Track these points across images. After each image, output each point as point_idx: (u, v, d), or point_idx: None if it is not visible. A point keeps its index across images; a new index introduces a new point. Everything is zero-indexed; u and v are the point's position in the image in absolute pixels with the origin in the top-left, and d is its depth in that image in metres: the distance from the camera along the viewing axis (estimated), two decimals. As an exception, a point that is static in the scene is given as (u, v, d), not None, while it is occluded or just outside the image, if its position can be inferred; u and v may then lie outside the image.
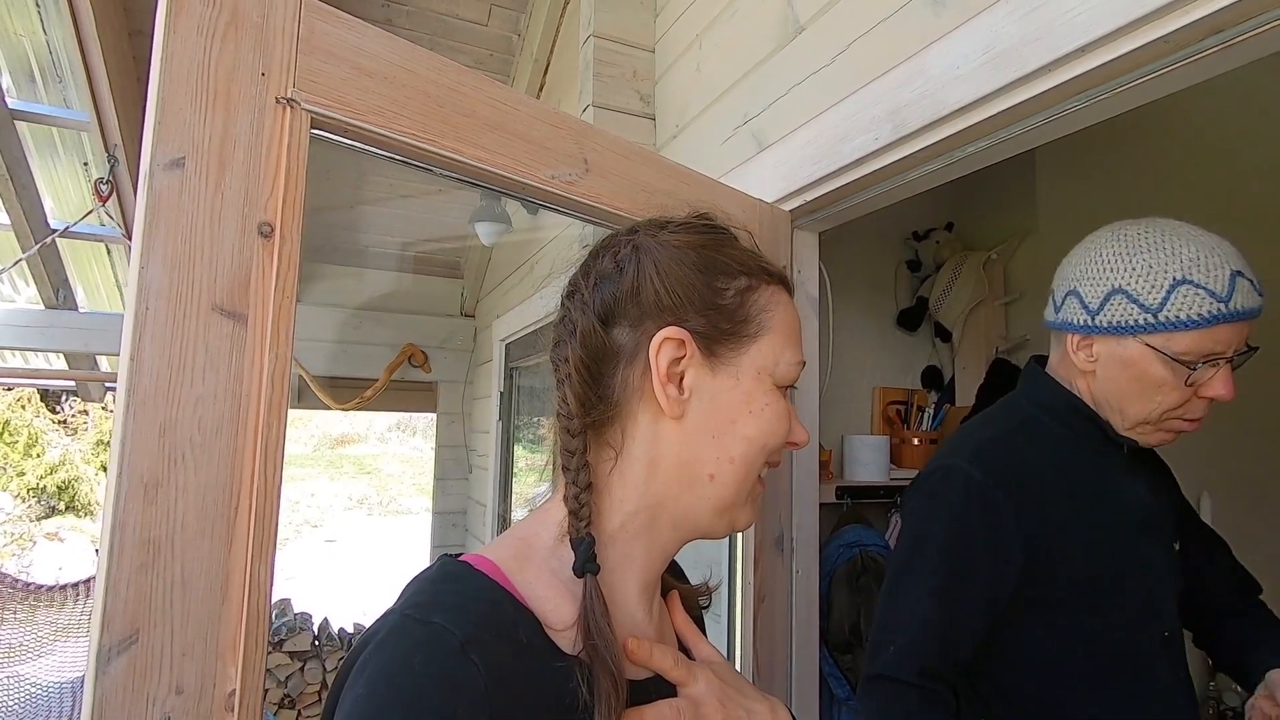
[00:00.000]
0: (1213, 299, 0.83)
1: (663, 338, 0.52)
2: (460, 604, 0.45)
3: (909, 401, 1.89)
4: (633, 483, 0.54)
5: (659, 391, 0.52)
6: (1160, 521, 0.97)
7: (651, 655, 0.51)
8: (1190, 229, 0.89)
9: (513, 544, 0.54)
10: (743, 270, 0.56)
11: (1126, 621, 0.89)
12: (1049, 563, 0.89)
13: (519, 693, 0.43)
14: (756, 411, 0.54)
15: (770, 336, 0.55)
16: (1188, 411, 0.88)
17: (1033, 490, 0.91)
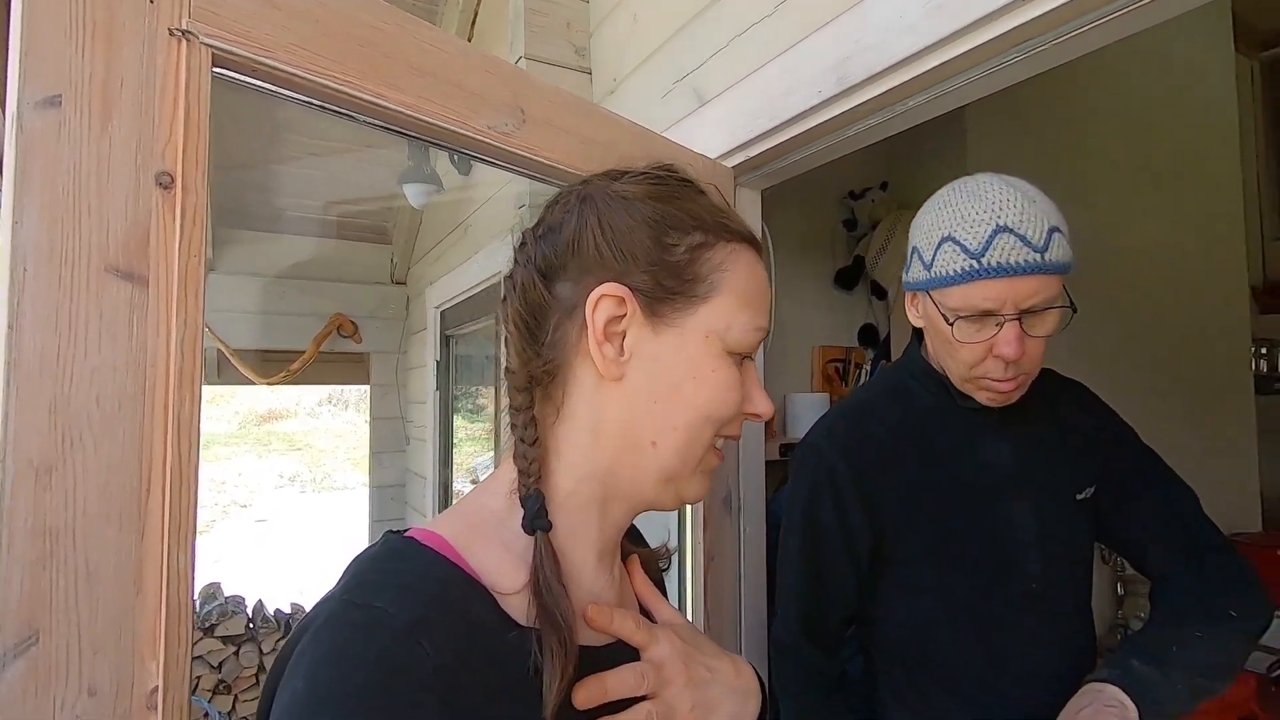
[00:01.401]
0: (966, 255, 0.82)
1: (600, 294, 0.49)
2: (405, 584, 0.43)
3: (847, 359, 1.93)
4: (579, 447, 0.51)
5: (594, 351, 0.49)
6: (1041, 475, 0.96)
7: (612, 620, 0.50)
8: (989, 185, 0.85)
9: (462, 516, 0.51)
10: (697, 226, 0.52)
11: (981, 579, 0.92)
12: (897, 527, 0.93)
13: (472, 672, 0.41)
14: (701, 377, 0.51)
15: (723, 298, 0.51)
16: (987, 370, 0.87)
17: (880, 460, 0.95)
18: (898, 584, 0.97)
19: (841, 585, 0.98)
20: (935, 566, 0.94)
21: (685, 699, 0.50)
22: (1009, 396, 0.90)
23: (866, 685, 1.06)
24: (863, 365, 1.95)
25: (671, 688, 0.50)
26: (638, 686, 0.48)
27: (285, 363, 3.32)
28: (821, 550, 0.97)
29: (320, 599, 0.44)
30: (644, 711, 0.48)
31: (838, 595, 0.99)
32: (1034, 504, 0.95)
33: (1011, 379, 0.87)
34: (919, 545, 0.95)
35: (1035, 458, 0.97)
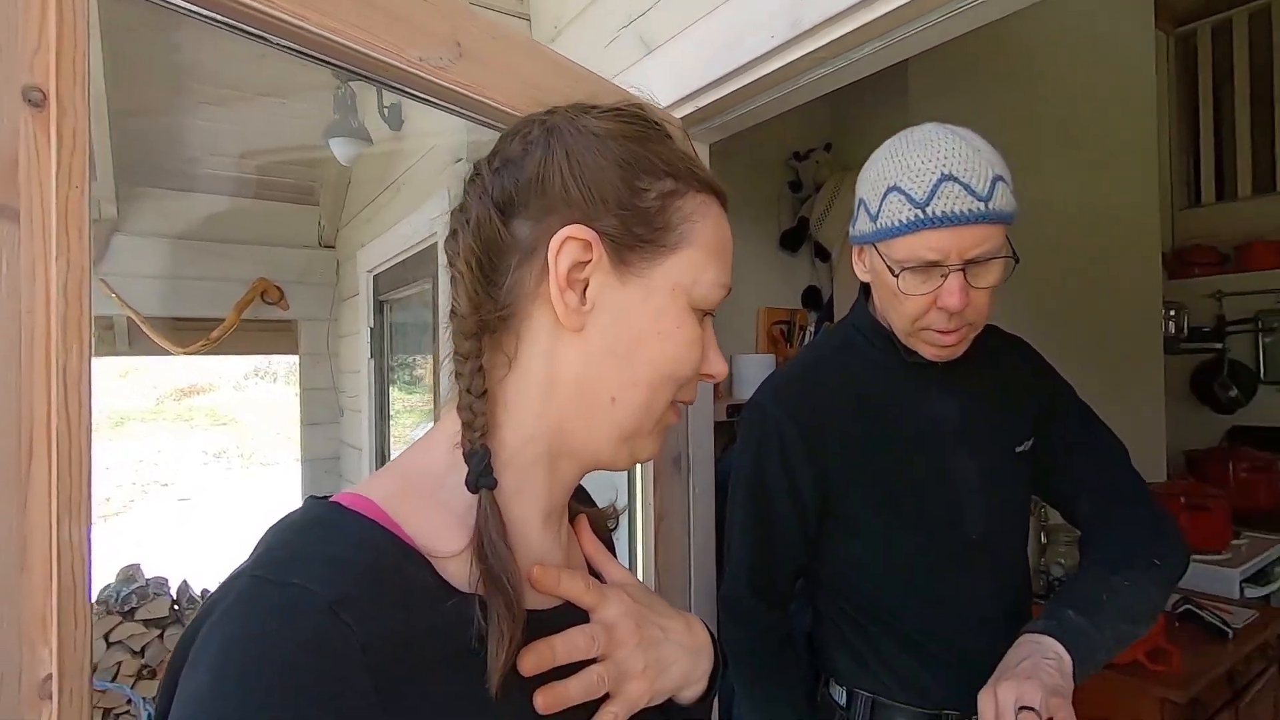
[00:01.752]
0: (911, 205, 0.81)
1: (565, 236, 0.45)
2: (328, 555, 0.38)
3: (792, 321, 1.94)
4: (530, 400, 0.47)
5: (556, 298, 0.45)
6: (983, 428, 0.98)
7: (559, 582, 0.47)
8: (935, 135, 0.84)
9: (395, 477, 0.47)
10: (669, 172, 0.48)
11: (926, 529, 0.94)
12: (845, 482, 0.94)
13: (407, 646, 0.38)
14: (666, 333, 0.48)
15: (692, 250, 0.48)
16: (931, 322, 0.87)
17: (826, 418, 0.95)
18: (845, 537, 0.98)
19: (789, 541, 0.99)
20: (881, 519, 0.96)
21: (638, 659, 0.48)
22: (953, 350, 0.91)
23: (814, 639, 1.08)
24: (807, 327, 1.96)
25: (623, 649, 0.48)
26: (588, 649, 0.46)
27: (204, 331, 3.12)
28: (769, 507, 0.98)
29: (230, 575, 0.39)
30: (595, 675, 0.46)
31: (786, 551, 0.99)
32: (976, 456, 0.97)
33: (955, 330, 0.87)
34: (865, 499, 0.96)
35: (978, 412, 0.98)
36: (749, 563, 1.00)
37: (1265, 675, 1.83)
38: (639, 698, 0.48)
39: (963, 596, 0.96)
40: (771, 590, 1.01)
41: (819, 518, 0.98)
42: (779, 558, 1.00)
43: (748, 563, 1.00)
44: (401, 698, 0.37)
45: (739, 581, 1.01)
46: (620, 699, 0.47)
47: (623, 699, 0.47)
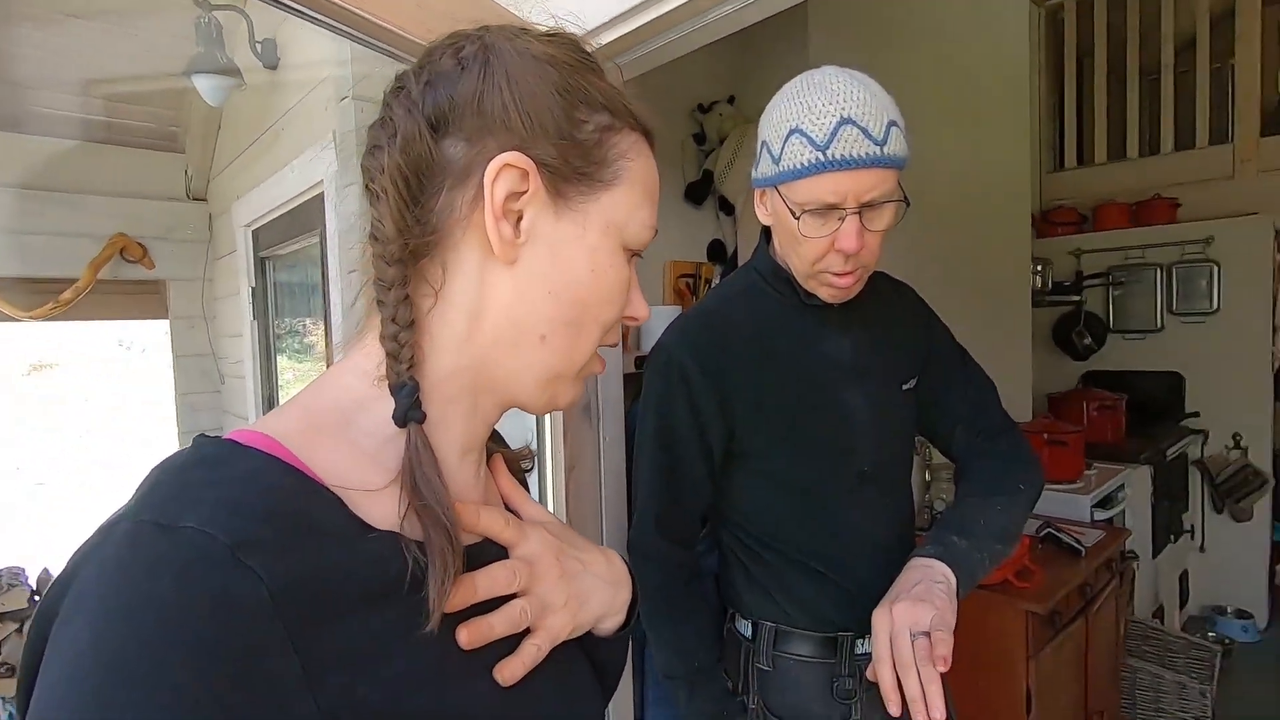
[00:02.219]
0: (813, 147, 0.83)
1: (503, 163, 0.43)
2: (225, 496, 0.34)
3: (697, 274, 1.96)
4: (455, 333, 0.45)
5: (490, 227, 0.43)
6: (873, 366, 1.03)
7: (479, 518, 0.46)
8: (834, 79, 0.86)
9: (298, 412, 0.43)
10: (607, 106, 0.47)
11: (824, 462, 1.00)
12: (747, 420, 0.98)
13: (324, 589, 0.35)
14: (600, 272, 0.47)
15: (627, 189, 0.47)
16: (829, 264, 0.90)
17: (729, 358, 0.98)
18: (749, 474, 1.02)
19: (696, 479, 1.01)
20: (783, 454, 1.00)
21: (559, 593, 0.48)
22: (849, 291, 0.95)
23: (719, 578, 1.12)
24: (711, 280, 1.99)
25: (544, 582, 0.48)
26: (509, 584, 0.45)
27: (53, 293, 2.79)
28: (676, 446, 0.99)
29: (104, 523, 0.35)
30: (517, 608, 0.45)
31: (692, 489, 1.02)
32: (868, 393, 1.02)
33: (851, 272, 0.91)
34: (768, 435, 0.99)
35: (869, 351, 1.03)
36: (657, 502, 1.02)
37: (1109, 585, 2.08)
38: (561, 630, 0.48)
39: (857, 525, 1.02)
40: (679, 529, 1.03)
41: (723, 455, 1.01)
42: (686, 496, 1.02)
43: (656, 502, 1.02)
44: (318, 642, 0.34)
45: (647, 522, 1.03)
46: (543, 631, 0.47)
47: (545, 631, 0.47)
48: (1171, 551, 3.00)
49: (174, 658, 0.30)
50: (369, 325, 0.47)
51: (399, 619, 0.38)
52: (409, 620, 0.38)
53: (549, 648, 0.46)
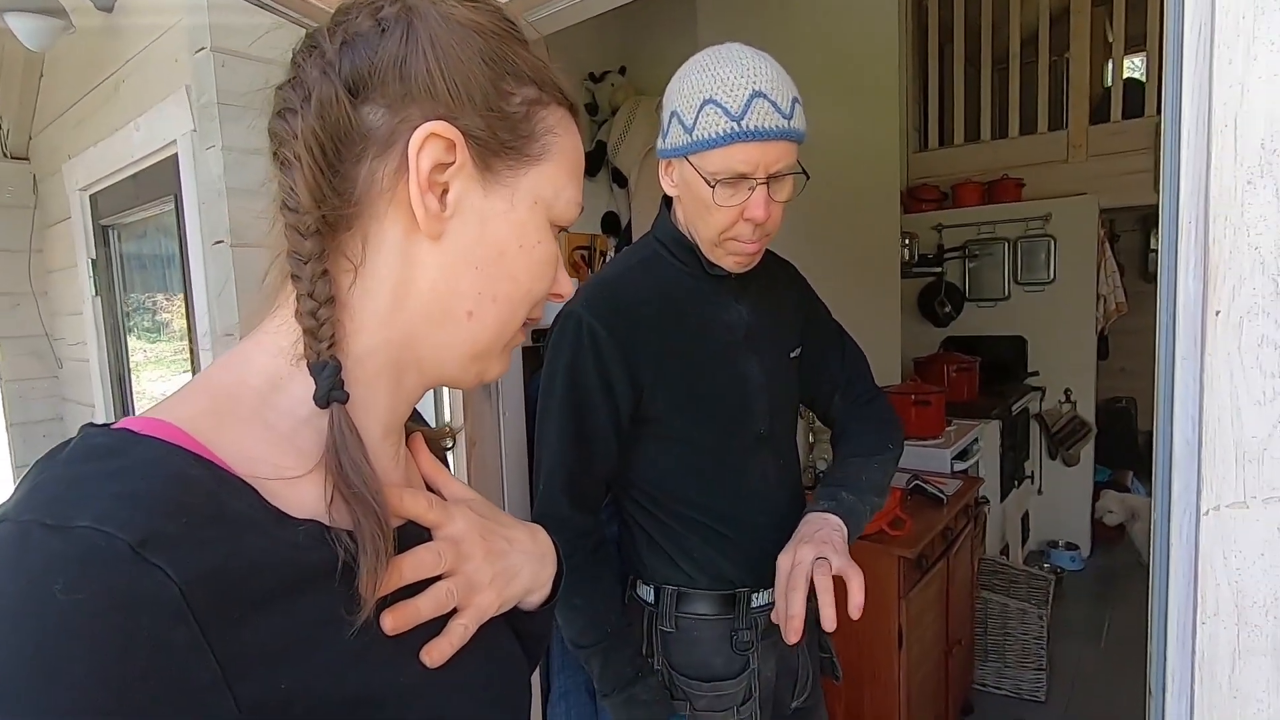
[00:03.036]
0: (727, 117, 0.86)
1: (428, 133, 0.41)
2: (122, 490, 0.32)
3: (592, 246, 1.95)
4: (377, 309, 0.43)
5: (415, 200, 0.41)
6: (765, 335, 1.08)
7: (402, 501, 0.44)
8: (742, 54, 0.89)
9: (203, 396, 0.40)
10: (533, 78, 0.46)
11: (721, 427, 1.05)
12: (654, 384, 1.01)
13: (240, 582, 0.33)
14: (528, 248, 0.46)
15: (554, 164, 0.47)
16: (738, 233, 0.94)
17: (635, 324, 1.00)
18: (653, 438, 1.04)
19: (604, 444, 1.02)
20: (686, 418, 1.03)
21: (485, 571, 0.48)
22: (753, 259, 0.99)
23: (620, 545, 1.14)
24: (606, 252, 1.99)
25: (471, 562, 0.47)
26: (436, 566, 0.45)
27: None
28: (585, 411, 1.00)
29: None
30: (443, 590, 0.44)
31: (600, 454, 1.03)
32: (762, 360, 1.08)
33: (757, 241, 0.95)
34: (672, 400, 1.02)
35: (762, 320, 1.09)
36: (565, 469, 1.02)
37: (966, 529, 2.32)
38: (488, 608, 0.48)
39: (754, 485, 1.07)
40: (586, 496, 1.04)
41: (630, 420, 1.02)
42: (594, 462, 1.03)
43: (564, 469, 1.02)
44: (237, 638, 0.32)
45: (554, 489, 1.02)
46: (470, 611, 0.46)
47: (472, 610, 0.46)
48: (1016, 495, 3.38)
49: (72, 668, 0.27)
50: (281, 301, 0.44)
51: (324, 608, 0.37)
52: (334, 609, 0.37)
53: (475, 627, 0.46)
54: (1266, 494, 0.50)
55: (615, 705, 1.02)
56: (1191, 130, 0.51)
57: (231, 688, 0.32)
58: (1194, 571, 0.53)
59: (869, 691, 1.90)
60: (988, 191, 3.92)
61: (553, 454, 1.02)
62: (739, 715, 1.07)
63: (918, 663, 1.96)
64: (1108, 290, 3.66)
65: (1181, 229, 0.52)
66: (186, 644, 0.30)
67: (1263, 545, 0.51)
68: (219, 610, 0.32)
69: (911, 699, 1.90)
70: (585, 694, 1.48)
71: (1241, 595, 0.51)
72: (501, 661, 0.52)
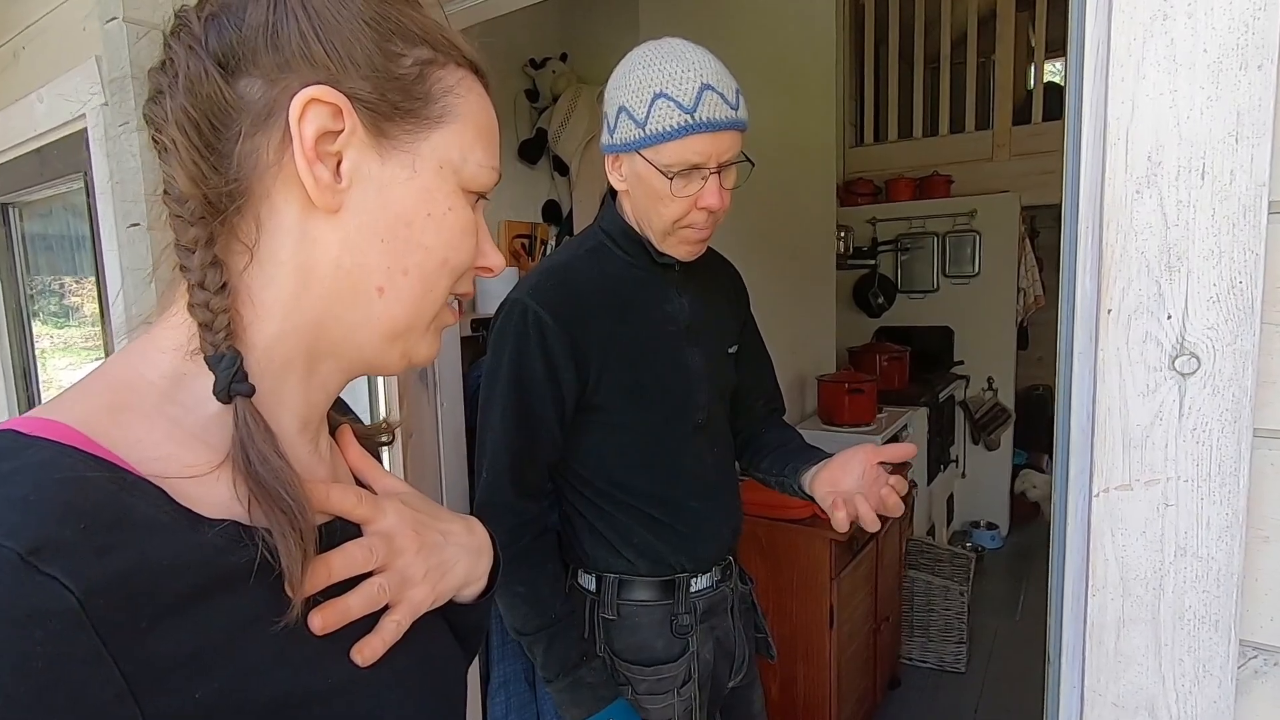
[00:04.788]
0: (680, 110, 0.89)
1: (308, 98, 0.39)
2: (10, 496, 0.30)
3: (533, 235, 1.94)
4: (279, 294, 0.41)
5: (304, 172, 0.39)
6: (707, 327, 1.11)
7: (328, 497, 0.43)
8: (686, 48, 0.93)
9: (99, 394, 0.38)
10: (425, 39, 0.43)
11: (663, 415, 1.07)
12: (599, 373, 1.02)
13: (145, 590, 0.31)
14: (438, 215, 0.44)
15: (459, 126, 0.44)
16: (691, 221, 0.96)
17: (582, 313, 1.01)
18: (596, 425, 1.05)
19: (549, 432, 1.02)
20: (629, 406, 1.04)
21: (419, 566, 0.47)
22: (702, 247, 1.03)
23: (561, 535, 1.15)
24: (547, 241, 1.98)
25: (404, 556, 0.46)
26: (367, 562, 0.43)
27: None
28: (531, 399, 1.00)
29: None
30: (375, 586, 0.43)
31: (546, 442, 1.03)
32: (703, 351, 1.10)
33: (708, 228, 0.99)
34: (617, 387, 1.03)
35: (704, 312, 1.12)
36: (510, 455, 1.01)
37: (894, 511, 2.43)
38: (421, 603, 0.47)
39: (693, 472, 1.10)
40: (530, 482, 1.04)
41: (575, 408, 1.03)
42: (539, 448, 1.03)
43: (508, 455, 1.01)
44: (144, 647, 0.31)
45: (499, 476, 1.02)
46: (403, 606, 0.46)
47: (405, 605, 0.46)
48: (941, 478, 3.55)
49: None
50: (177, 293, 0.42)
51: (243, 611, 0.36)
52: (255, 611, 0.36)
53: (409, 622, 0.45)
54: (1148, 477, 0.55)
55: (560, 690, 1.03)
56: (1089, 141, 0.55)
57: (139, 701, 0.30)
58: (1086, 548, 0.58)
59: (802, 669, 1.98)
60: (919, 187, 4.07)
61: (497, 441, 1.02)
62: (679, 696, 1.09)
63: (848, 639, 2.04)
64: (1027, 284, 3.86)
65: (1080, 233, 0.57)
66: (86, 656, 0.29)
67: (1144, 523, 0.55)
68: (123, 620, 0.31)
69: (842, 675, 1.99)
70: (524, 683, 1.49)
71: (1126, 569, 0.56)
72: (435, 656, 0.51)
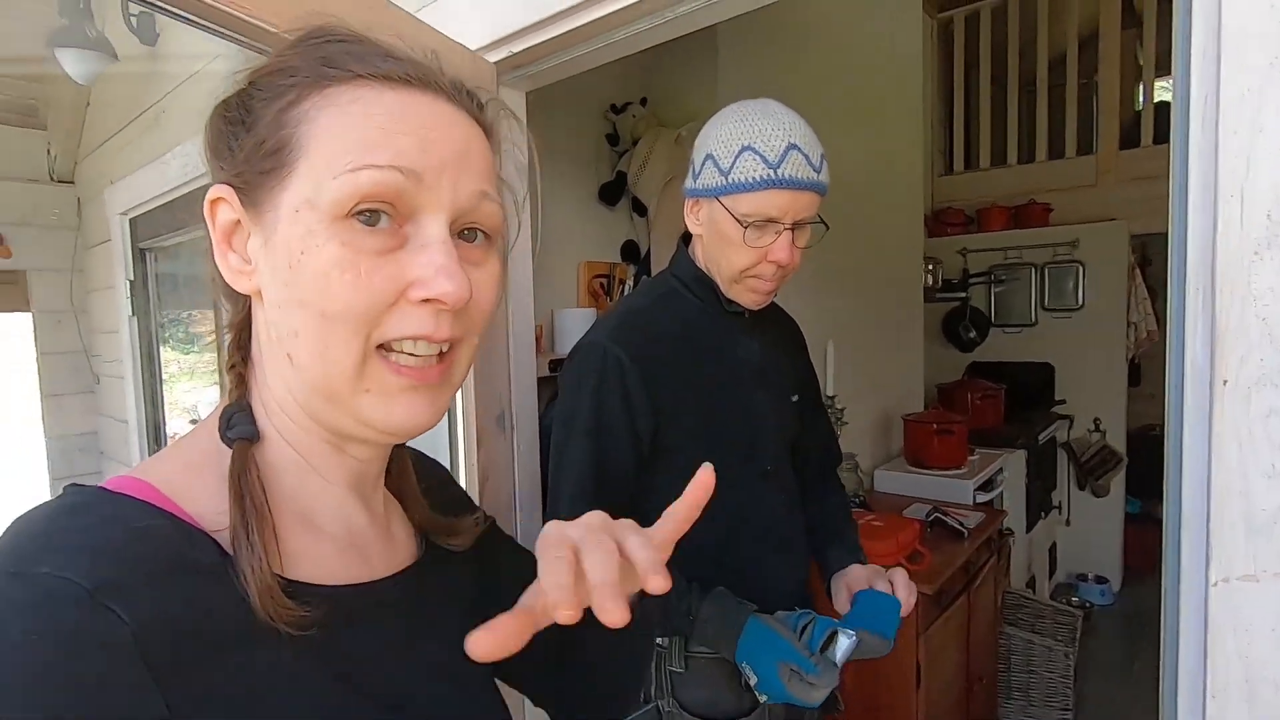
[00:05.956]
0: (765, 165, 0.92)
1: (209, 199, 0.44)
2: (86, 543, 0.35)
3: (611, 275, 1.97)
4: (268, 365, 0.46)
5: (220, 262, 0.44)
6: (773, 375, 1.12)
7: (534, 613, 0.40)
8: (779, 109, 0.97)
9: (179, 454, 0.44)
10: (292, 84, 0.41)
11: (734, 458, 1.06)
12: (672, 413, 1.02)
13: (194, 629, 0.35)
14: (296, 266, 0.40)
15: (311, 154, 0.40)
16: (760, 272, 0.99)
17: (658, 355, 1.02)
18: (666, 470, 1.04)
19: (624, 470, 1.02)
20: (700, 449, 1.03)
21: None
22: (769, 297, 1.04)
23: None
24: (625, 280, 2.01)
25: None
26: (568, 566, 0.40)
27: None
28: (607, 436, 1.00)
29: None
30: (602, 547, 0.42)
31: (621, 483, 1.02)
32: (770, 396, 1.10)
33: (775, 281, 1.01)
34: (688, 432, 1.03)
35: (771, 359, 1.12)
36: (587, 496, 1.01)
37: (989, 563, 2.27)
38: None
39: (762, 521, 1.08)
40: None
41: (649, 451, 1.03)
42: (615, 489, 1.02)
43: (585, 496, 1.01)
44: (189, 682, 0.34)
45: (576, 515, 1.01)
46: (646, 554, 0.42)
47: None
48: (1043, 526, 3.30)
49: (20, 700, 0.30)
50: None
51: (283, 656, 0.39)
52: (295, 657, 0.39)
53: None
54: (1277, 568, 0.49)
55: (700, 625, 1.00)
56: (1198, 199, 0.51)
57: None
58: (1204, 645, 0.52)
59: (886, 729, 1.87)
60: (1014, 216, 3.88)
61: (574, 480, 1.02)
62: None
63: (936, 700, 1.91)
64: (1139, 317, 3.58)
65: (1189, 296, 0.52)
66: (135, 684, 0.32)
67: (1274, 619, 0.49)
68: (172, 654, 0.34)
69: (930, 738, 1.86)
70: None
71: (1251, 670, 0.50)
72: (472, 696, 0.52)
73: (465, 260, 0.42)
